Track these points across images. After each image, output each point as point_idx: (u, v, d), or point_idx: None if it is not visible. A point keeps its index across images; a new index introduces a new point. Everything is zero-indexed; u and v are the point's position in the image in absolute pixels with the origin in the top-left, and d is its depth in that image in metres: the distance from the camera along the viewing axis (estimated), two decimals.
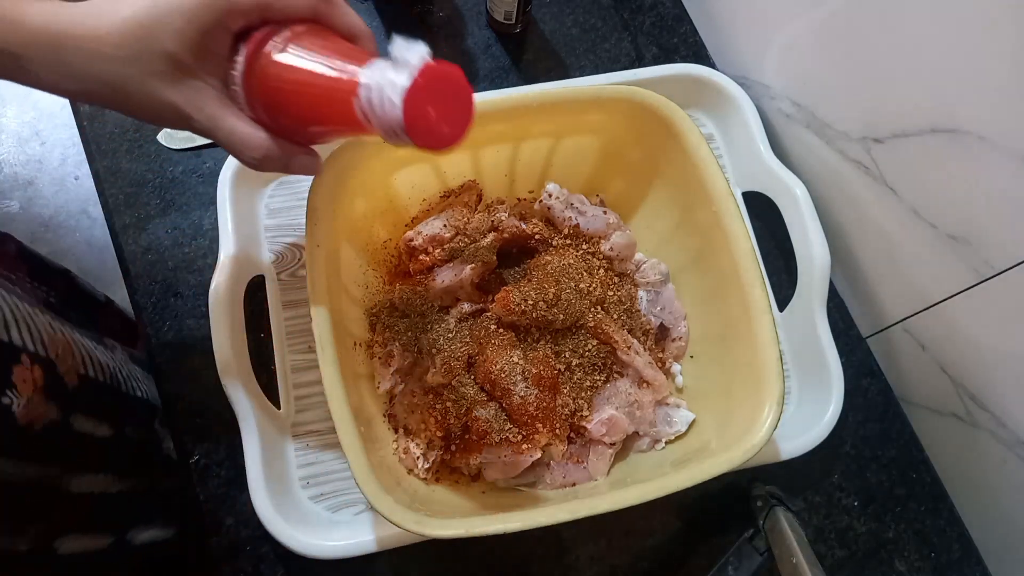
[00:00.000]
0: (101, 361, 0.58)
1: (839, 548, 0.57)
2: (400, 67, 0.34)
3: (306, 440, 0.54)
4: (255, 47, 0.38)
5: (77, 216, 1.51)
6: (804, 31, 0.60)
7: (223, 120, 0.38)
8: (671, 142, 0.54)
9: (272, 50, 0.37)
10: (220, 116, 0.38)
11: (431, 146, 0.37)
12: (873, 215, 0.59)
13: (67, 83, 0.36)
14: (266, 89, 0.38)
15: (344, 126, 0.38)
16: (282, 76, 0.38)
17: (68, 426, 0.52)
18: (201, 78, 0.37)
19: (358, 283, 0.55)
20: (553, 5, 0.73)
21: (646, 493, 0.43)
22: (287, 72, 0.37)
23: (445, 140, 0.38)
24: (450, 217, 0.57)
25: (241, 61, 0.38)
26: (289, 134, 0.41)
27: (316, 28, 0.39)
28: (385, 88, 0.34)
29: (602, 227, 0.58)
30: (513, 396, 0.50)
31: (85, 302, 0.77)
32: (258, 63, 0.38)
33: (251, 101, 0.39)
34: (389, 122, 0.35)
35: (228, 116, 0.38)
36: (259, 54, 0.38)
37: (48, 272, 0.71)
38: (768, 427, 0.45)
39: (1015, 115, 0.44)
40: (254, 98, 0.39)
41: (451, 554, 0.53)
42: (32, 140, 1.58)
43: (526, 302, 0.51)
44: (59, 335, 0.54)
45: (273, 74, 0.38)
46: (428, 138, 0.36)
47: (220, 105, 0.38)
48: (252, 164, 0.39)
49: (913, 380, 0.61)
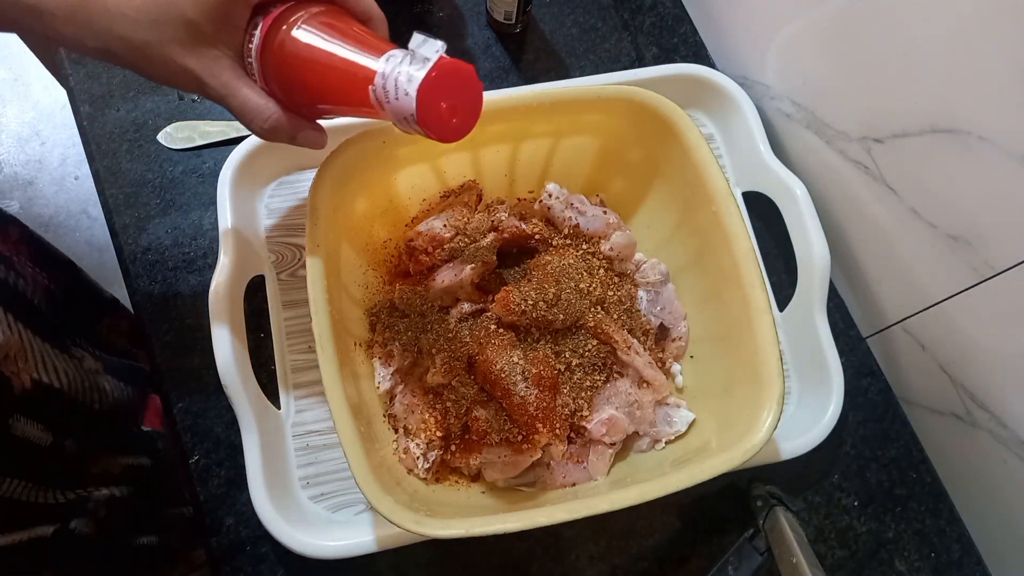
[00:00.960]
0: (59, 368, 0.58)
1: (839, 548, 0.57)
2: (416, 60, 0.36)
3: (306, 440, 0.54)
4: (273, 23, 0.39)
5: (77, 216, 1.51)
6: (804, 31, 0.60)
7: (237, 89, 0.39)
8: (671, 142, 0.54)
9: (290, 28, 0.39)
10: (234, 85, 0.39)
11: (440, 137, 0.39)
12: (873, 215, 0.59)
13: (89, 40, 0.37)
14: (281, 65, 0.40)
15: (356, 108, 0.40)
16: (299, 55, 0.39)
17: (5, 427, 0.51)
18: (218, 47, 0.38)
19: (358, 283, 0.55)
20: (553, 5, 0.73)
21: (646, 493, 0.43)
22: (304, 51, 0.39)
23: (454, 132, 0.40)
24: (450, 217, 0.57)
25: (258, 35, 0.39)
26: (299, 108, 0.42)
27: (334, 10, 0.40)
28: (400, 79, 0.36)
29: (602, 227, 0.58)
30: (513, 396, 0.50)
31: (88, 298, 0.77)
32: (275, 39, 0.39)
33: (265, 74, 0.40)
34: (402, 111, 0.37)
35: (242, 85, 0.39)
36: (277, 30, 0.39)
37: (53, 262, 0.71)
38: (768, 427, 0.45)
39: (1015, 115, 0.44)
40: (268, 72, 0.40)
41: (451, 554, 0.53)
42: (32, 140, 1.58)
43: (526, 302, 0.51)
44: (15, 336, 0.53)
45: (290, 52, 0.39)
46: (438, 129, 0.39)
47: (235, 74, 0.39)
48: (261, 133, 0.41)
49: (913, 380, 0.61)
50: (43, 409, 0.55)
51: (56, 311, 0.65)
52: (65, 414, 0.58)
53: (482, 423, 0.50)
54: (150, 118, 0.64)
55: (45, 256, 0.69)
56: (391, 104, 0.37)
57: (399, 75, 0.36)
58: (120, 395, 0.67)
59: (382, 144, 0.51)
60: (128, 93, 0.65)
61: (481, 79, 0.40)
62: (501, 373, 0.50)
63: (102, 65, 0.66)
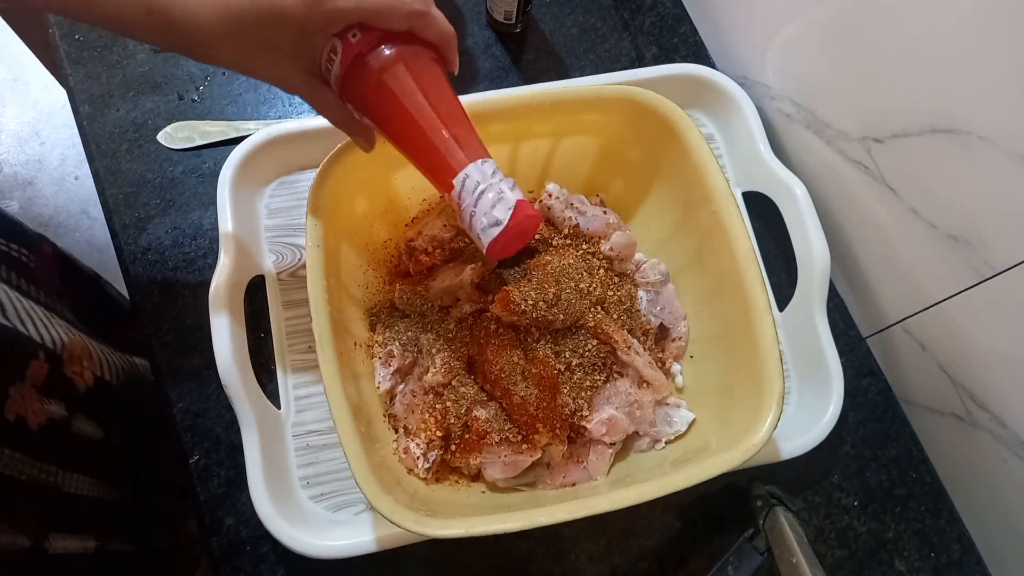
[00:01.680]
0: (116, 364, 0.59)
1: (839, 548, 0.57)
2: (490, 214, 0.42)
3: (306, 440, 0.54)
4: (355, 60, 0.40)
5: (77, 216, 1.51)
6: (804, 31, 0.60)
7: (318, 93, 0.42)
8: (671, 142, 0.54)
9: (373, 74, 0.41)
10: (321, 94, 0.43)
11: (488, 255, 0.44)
12: (873, 215, 0.59)
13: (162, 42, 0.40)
14: (360, 104, 0.43)
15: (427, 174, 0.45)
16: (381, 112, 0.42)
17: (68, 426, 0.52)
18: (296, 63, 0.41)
19: (358, 283, 0.55)
20: (553, 5, 0.73)
21: (646, 493, 0.43)
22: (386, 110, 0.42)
23: (499, 255, 0.45)
24: (450, 217, 0.57)
25: (338, 63, 0.41)
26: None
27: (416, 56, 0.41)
28: (476, 225, 0.42)
29: (602, 227, 0.58)
30: (513, 396, 0.50)
31: (110, 309, 0.77)
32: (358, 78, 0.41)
33: (341, 93, 0.42)
34: (470, 228, 0.43)
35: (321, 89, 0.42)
36: (361, 69, 0.41)
37: (79, 277, 0.72)
38: (768, 427, 0.45)
39: (1015, 115, 0.44)
40: (345, 95, 0.43)
41: (451, 554, 0.53)
42: (32, 140, 1.58)
43: (526, 302, 0.51)
44: (77, 337, 0.55)
45: (372, 103, 0.42)
46: (491, 254, 0.44)
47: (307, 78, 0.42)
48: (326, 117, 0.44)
49: (913, 380, 0.61)
50: (99, 406, 0.57)
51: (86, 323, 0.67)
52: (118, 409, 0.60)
53: (482, 423, 0.50)
54: (150, 118, 0.64)
55: (73, 274, 0.71)
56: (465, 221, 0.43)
57: (473, 217, 0.42)
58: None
59: (382, 144, 0.51)
60: (128, 93, 0.65)
61: (481, 79, 0.41)
62: (501, 373, 0.50)
63: (102, 65, 0.66)
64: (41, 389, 0.50)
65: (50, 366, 0.51)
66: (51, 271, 0.65)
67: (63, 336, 0.54)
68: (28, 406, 0.48)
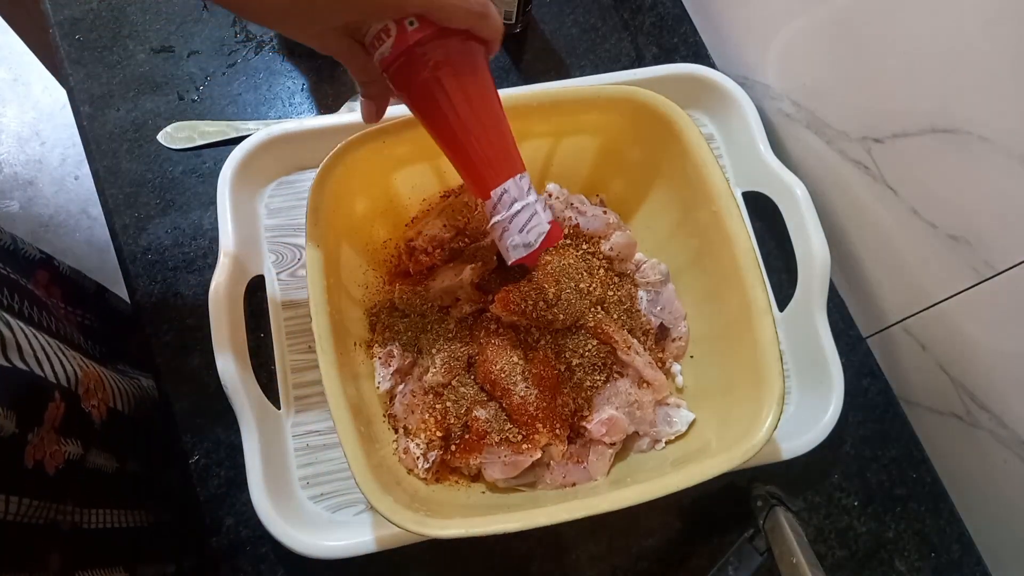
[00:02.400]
0: (127, 392, 0.59)
1: (839, 548, 0.57)
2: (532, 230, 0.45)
3: (306, 440, 0.54)
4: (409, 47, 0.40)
5: (77, 216, 1.51)
6: (804, 31, 0.60)
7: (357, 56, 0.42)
8: (671, 142, 0.54)
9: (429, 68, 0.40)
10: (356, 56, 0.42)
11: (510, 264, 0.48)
12: (873, 215, 0.59)
13: None
14: (409, 96, 0.43)
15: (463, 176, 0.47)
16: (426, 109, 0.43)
17: (84, 462, 0.52)
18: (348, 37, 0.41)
19: (358, 283, 0.55)
20: (553, 5, 0.73)
21: (646, 493, 0.43)
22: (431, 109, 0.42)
23: (519, 264, 0.47)
24: (450, 217, 0.57)
25: (389, 44, 0.40)
26: None
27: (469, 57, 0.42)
28: (507, 240, 0.46)
29: (602, 227, 0.58)
30: (513, 396, 0.50)
31: (116, 322, 0.77)
32: (406, 71, 0.41)
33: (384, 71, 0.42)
34: (499, 239, 0.46)
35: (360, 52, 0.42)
36: (414, 60, 0.40)
37: (82, 295, 0.72)
38: (768, 427, 0.45)
39: (1015, 115, 0.44)
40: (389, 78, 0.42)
41: (451, 554, 0.53)
42: (32, 140, 1.58)
43: (526, 302, 0.51)
44: (91, 369, 0.55)
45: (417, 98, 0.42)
46: (513, 264, 0.47)
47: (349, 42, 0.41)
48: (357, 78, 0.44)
49: (913, 380, 0.61)
50: (112, 436, 0.57)
51: (95, 342, 0.66)
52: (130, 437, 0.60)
53: (482, 423, 0.50)
54: (150, 118, 0.64)
55: (77, 292, 0.70)
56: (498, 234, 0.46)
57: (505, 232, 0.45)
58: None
59: (382, 144, 0.51)
60: (128, 93, 0.65)
61: None
62: (501, 373, 0.50)
63: (102, 65, 0.66)
64: (59, 430, 0.49)
65: (66, 404, 0.50)
66: (54, 296, 0.65)
67: (76, 370, 0.53)
68: (46, 449, 0.47)
